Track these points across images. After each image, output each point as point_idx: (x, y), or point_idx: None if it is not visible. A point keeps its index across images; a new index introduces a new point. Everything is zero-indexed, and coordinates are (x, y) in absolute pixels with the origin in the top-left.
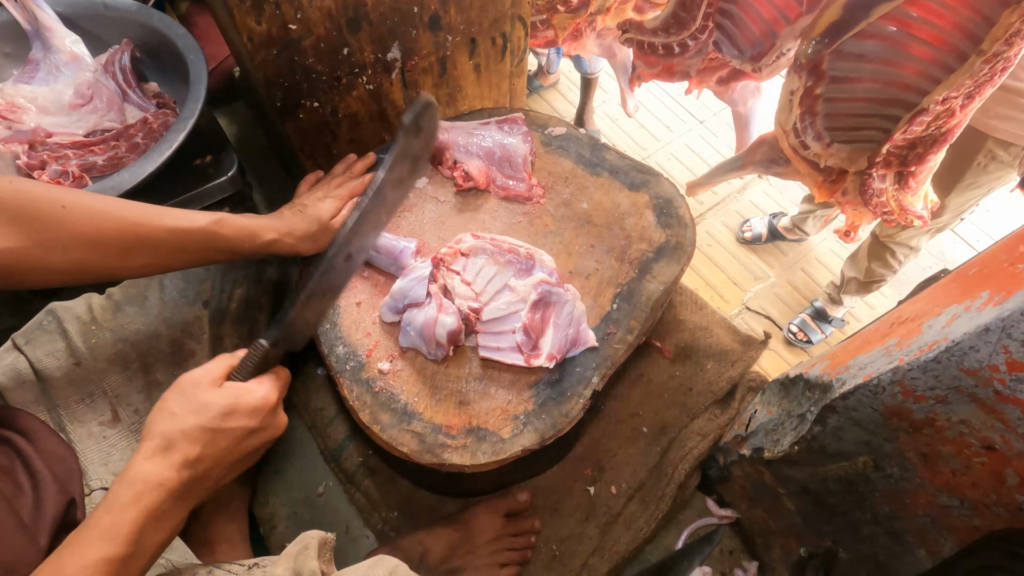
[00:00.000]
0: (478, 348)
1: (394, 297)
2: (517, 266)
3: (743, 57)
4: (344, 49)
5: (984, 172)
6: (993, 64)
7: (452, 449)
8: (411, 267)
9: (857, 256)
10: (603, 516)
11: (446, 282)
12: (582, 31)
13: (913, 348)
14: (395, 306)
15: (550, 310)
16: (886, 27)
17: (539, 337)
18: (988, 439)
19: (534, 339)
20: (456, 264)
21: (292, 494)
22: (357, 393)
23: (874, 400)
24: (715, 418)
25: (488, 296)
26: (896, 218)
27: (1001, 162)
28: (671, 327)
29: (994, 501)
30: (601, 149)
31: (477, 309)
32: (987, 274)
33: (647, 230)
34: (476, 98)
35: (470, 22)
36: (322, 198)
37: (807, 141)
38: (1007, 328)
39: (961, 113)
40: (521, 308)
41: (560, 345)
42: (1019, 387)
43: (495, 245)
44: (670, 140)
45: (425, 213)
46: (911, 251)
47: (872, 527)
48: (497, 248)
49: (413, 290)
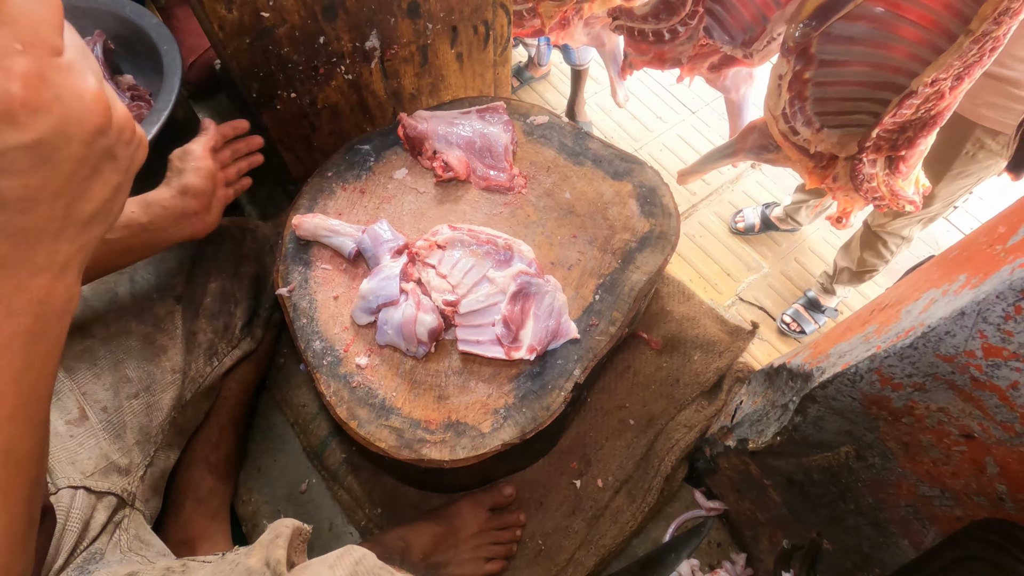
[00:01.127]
0: (457, 342)
1: (365, 298)
2: (495, 257)
3: (734, 42)
4: (320, 38)
5: (973, 161)
6: (982, 44)
7: (431, 444)
8: (380, 266)
9: (850, 246)
10: (590, 509)
11: (421, 275)
12: (569, 19)
13: (891, 334)
14: (367, 307)
15: (530, 301)
16: (874, 8)
17: (519, 329)
18: (967, 427)
19: (514, 331)
20: (432, 257)
21: (275, 491)
22: (334, 388)
23: (853, 389)
24: (702, 409)
25: (465, 288)
26: (888, 203)
27: (990, 150)
28: (658, 318)
29: (975, 491)
30: (584, 138)
31: (454, 302)
32: (966, 257)
33: (630, 220)
34: (460, 88)
35: (450, 9)
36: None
37: (797, 126)
38: (983, 312)
39: (951, 95)
40: (500, 300)
41: (541, 337)
42: (996, 373)
43: (472, 236)
44: (663, 130)
45: (404, 204)
46: (903, 241)
47: (856, 518)
48: (475, 239)
49: (385, 289)
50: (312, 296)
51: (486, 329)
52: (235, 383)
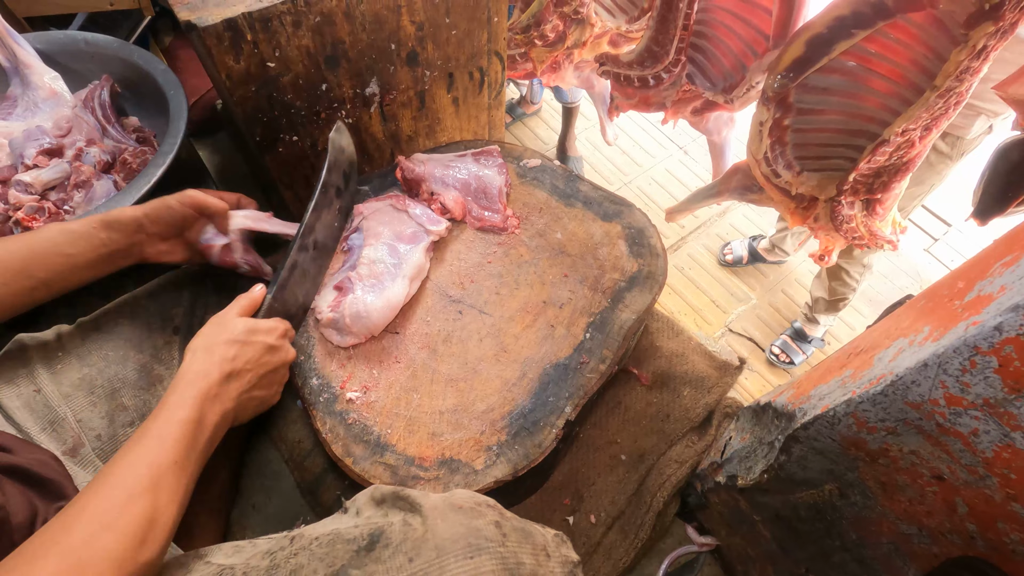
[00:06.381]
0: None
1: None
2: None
3: (715, 89)
4: (323, 85)
5: (927, 166)
6: (947, 99)
7: (425, 481)
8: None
9: (821, 276)
10: (583, 546)
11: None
12: (560, 63)
13: (864, 380)
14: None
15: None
16: (847, 62)
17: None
18: (937, 469)
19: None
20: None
21: (268, 529)
22: (330, 425)
23: (832, 431)
24: (692, 445)
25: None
26: (867, 243)
27: (941, 153)
28: (648, 354)
29: (948, 529)
30: (575, 180)
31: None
32: (930, 308)
33: (620, 260)
34: (455, 130)
35: (447, 57)
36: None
37: (778, 169)
38: (943, 364)
39: (921, 144)
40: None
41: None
42: (958, 420)
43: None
44: (651, 166)
45: None
46: (864, 268)
47: (842, 554)
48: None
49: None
50: (309, 333)
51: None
52: None
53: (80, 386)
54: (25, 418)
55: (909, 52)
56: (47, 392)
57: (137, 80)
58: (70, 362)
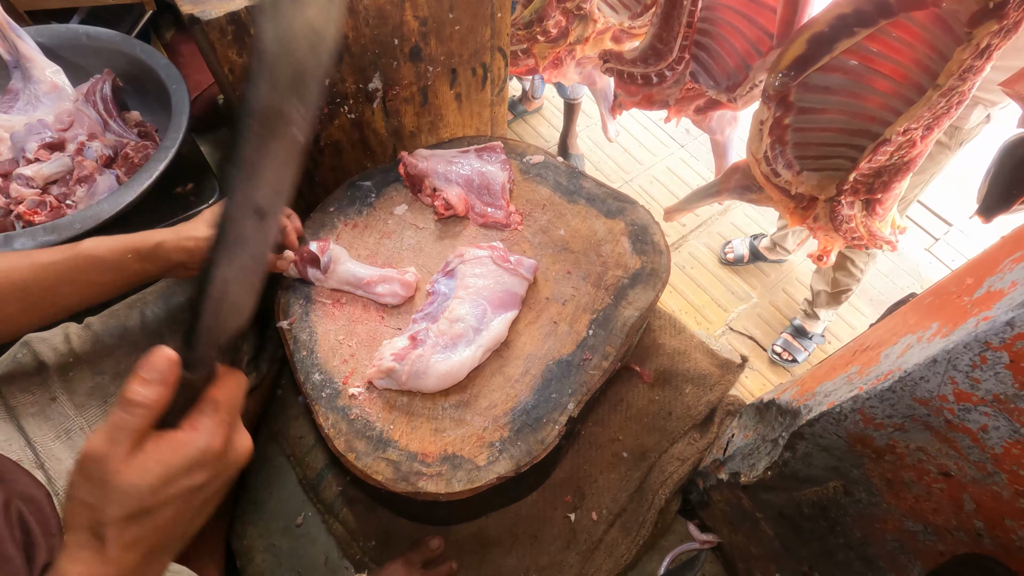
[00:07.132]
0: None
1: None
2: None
3: (719, 87)
4: (325, 80)
5: (926, 157)
6: (949, 98)
7: (427, 477)
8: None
9: (822, 268)
10: (584, 543)
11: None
12: (562, 59)
13: (871, 377)
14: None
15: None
16: (849, 61)
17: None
18: (944, 466)
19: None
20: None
21: (270, 525)
22: (332, 421)
23: (838, 427)
24: (694, 442)
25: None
26: (866, 243)
27: (940, 143)
28: (650, 351)
29: (955, 526)
30: (578, 177)
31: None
32: (938, 305)
33: (623, 257)
34: (458, 126)
35: (450, 53)
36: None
37: (778, 169)
38: (952, 360)
39: (922, 143)
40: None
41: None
42: (967, 416)
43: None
44: (652, 163)
45: (404, 239)
46: (869, 257)
47: (846, 552)
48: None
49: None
50: (312, 329)
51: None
52: None
53: (93, 395)
54: (39, 426)
55: (911, 51)
56: (62, 401)
57: (139, 74)
58: (82, 370)
